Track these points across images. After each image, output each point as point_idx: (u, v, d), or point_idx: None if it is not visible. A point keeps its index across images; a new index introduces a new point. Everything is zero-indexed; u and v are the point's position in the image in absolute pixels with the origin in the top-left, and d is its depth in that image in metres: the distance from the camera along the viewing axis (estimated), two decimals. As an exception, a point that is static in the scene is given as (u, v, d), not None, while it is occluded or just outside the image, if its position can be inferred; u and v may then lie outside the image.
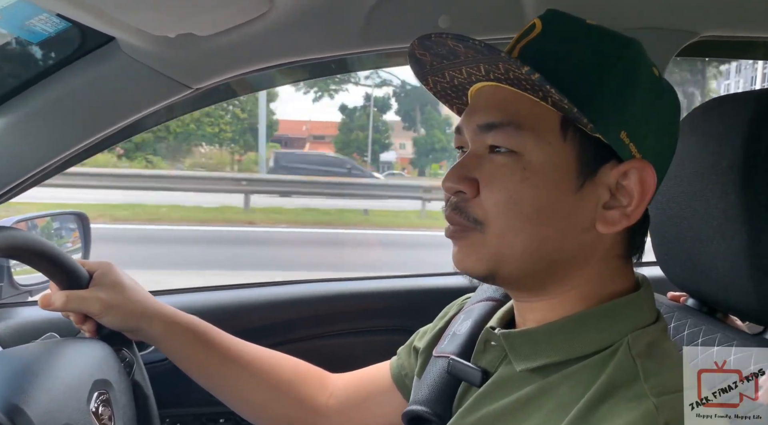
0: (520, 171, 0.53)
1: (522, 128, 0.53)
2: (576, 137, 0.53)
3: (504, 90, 0.55)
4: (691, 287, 0.75)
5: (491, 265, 0.56)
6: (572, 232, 0.54)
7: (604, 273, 0.57)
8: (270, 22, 0.82)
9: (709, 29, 0.90)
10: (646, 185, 0.54)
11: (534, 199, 0.53)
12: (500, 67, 0.53)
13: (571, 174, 0.53)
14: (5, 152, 0.89)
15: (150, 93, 0.90)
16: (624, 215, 0.54)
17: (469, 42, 0.52)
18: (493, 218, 0.54)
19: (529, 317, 0.60)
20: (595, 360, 0.53)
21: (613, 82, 0.53)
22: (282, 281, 1.24)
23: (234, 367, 0.84)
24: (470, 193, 0.55)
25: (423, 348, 0.77)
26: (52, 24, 0.75)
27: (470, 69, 0.57)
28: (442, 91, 0.65)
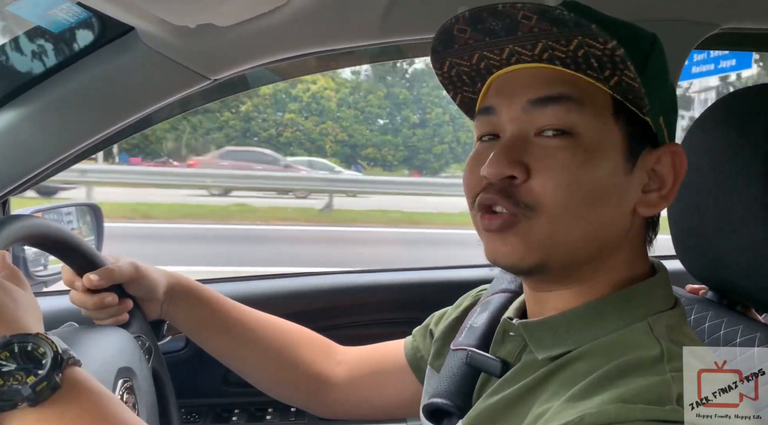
0: (581, 152, 0.51)
1: (583, 104, 0.52)
2: (626, 119, 0.53)
3: (550, 70, 0.53)
4: (712, 280, 0.75)
5: (542, 255, 0.53)
6: (621, 216, 0.55)
7: (629, 258, 0.57)
8: (289, 12, 0.82)
9: (730, 21, 0.89)
10: (680, 168, 0.55)
11: (593, 181, 0.52)
12: (572, 44, 0.50)
13: (623, 156, 0.53)
14: (24, 142, 0.90)
15: (168, 84, 0.90)
16: (661, 198, 0.55)
17: (555, 12, 0.48)
18: (550, 203, 0.52)
19: (549, 306, 0.59)
20: (614, 339, 0.53)
21: (654, 68, 0.54)
22: (296, 272, 1.25)
23: (240, 330, 0.85)
24: (521, 177, 0.52)
25: (438, 335, 0.77)
26: (73, 13, 0.75)
27: (518, 48, 0.54)
28: (455, 76, 0.62)
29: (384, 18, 0.87)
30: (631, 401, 0.45)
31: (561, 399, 0.49)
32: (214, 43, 0.86)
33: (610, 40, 0.48)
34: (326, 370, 0.85)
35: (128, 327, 0.78)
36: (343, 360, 0.87)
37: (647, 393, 0.45)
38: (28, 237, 0.66)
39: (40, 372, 0.45)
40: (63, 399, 0.46)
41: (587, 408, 0.45)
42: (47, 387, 0.45)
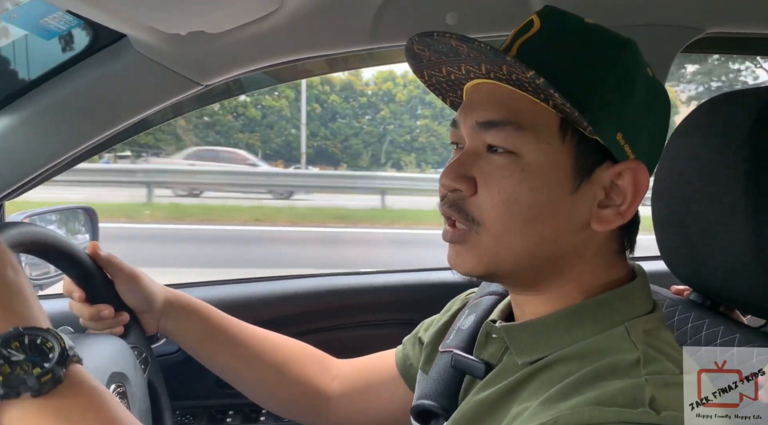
0: (519, 172, 0.54)
1: (522, 128, 0.54)
2: (574, 138, 0.54)
3: (503, 88, 0.55)
4: (696, 282, 0.77)
5: (489, 266, 0.57)
6: (568, 231, 0.56)
7: (598, 267, 0.58)
8: (280, 19, 0.83)
9: (714, 26, 0.91)
10: (640, 185, 0.55)
11: (532, 200, 0.54)
12: (503, 68, 0.53)
13: (569, 175, 0.54)
14: (17, 148, 0.90)
15: (160, 90, 0.91)
16: (618, 214, 0.55)
17: (473, 44, 0.52)
18: (491, 219, 0.55)
19: (527, 310, 0.61)
20: (591, 343, 0.54)
21: (612, 84, 0.54)
22: (291, 275, 1.26)
23: (238, 348, 0.86)
24: (468, 191, 0.56)
25: (428, 340, 0.78)
26: (65, 22, 0.76)
27: (469, 67, 0.57)
28: (437, 84, 0.65)
29: (374, 24, 0.88)
30: (605, 404, 0.46)
31: (538, 400, 0.50)
32: (206, 50, 0.87)
33: (528, 71, 0.50)
34: (322, 385, 0.87)
35: (124, 338, 0.79)
36: (338, 374, 0.88)
37: (621, 396, 0.46)
38: (26, 245, 0.67)
39: (46, 365, 0.46)
40: (64, 393, 0.47)
41: (562, 410, 0.47)
42: (51, 380, 0.46)
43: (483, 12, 0.89)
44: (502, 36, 0.92)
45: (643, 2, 0.88)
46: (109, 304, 0.80)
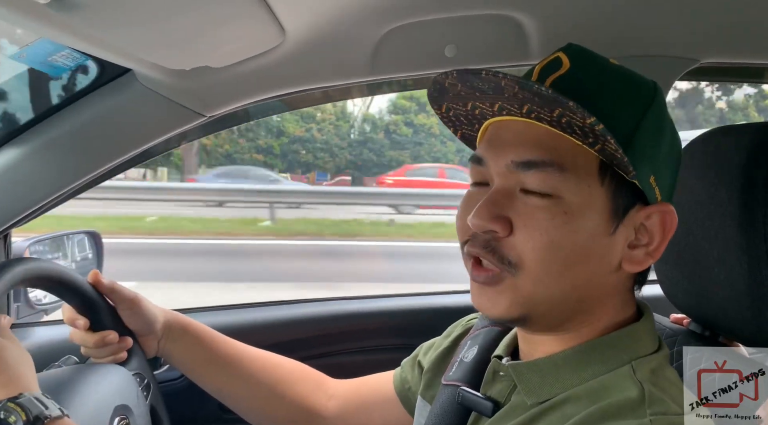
0: (561, 215, 0.52)
1: (565, 170, 0.52)
2: (613, 180, 0.53)
3: (538, 127, 0.54)
4: (693, 311, 0.77)
5: (524, 309, 0.55)
6: (603, 273, 0.56)
7: (616, 306, 0.59)
8: (283, 52, 0.84)
9: (709, 56, 0.92)
10: (668, 226, 0.55)
11: (573, 243, 0.53)
12: (555, 112, 0.51)
13: (607, 218, 0.54)
14: (26, 178, 0.92)
15: (164, 121, 0.93)
16: (647, 254, 0.56)
17: (532, 86, 0.49)
18: (531, 262, 0.53)
19: (539, 349, 0.60)
20: (598, 383, 0.54)
21: (648, 127, 0.54)
22: (287, 300, 1.26)
23: (235, 368, 0.88)
24: (503, 232, 0.54)
25: (428, 366, 0.78)
26: (73, 59, 0.78)
27: (506, 104, 0.55)
28: (454, 116, 0.63)
29: (373, 57, 0.90)
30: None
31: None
32: (209, 83, 0.89)
33: (589, 117, 0.48)
34: (318, 405, 0.87)
35: (127, 364, 0.80)
36: (334, 394, 0.88)
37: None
38: (29, 280, 0.68)
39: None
40: None
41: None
42: None
43: (481, 44, 0.90)
44: (500, 67, 0.94)
45: (640, 34, 0.90)
46: (113, 330, 0.81)
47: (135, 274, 4.94)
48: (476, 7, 0.86)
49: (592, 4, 0.85)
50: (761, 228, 0.62)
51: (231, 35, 0.73)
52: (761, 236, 0.62)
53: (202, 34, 0.69)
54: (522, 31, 0.88)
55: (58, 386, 0.68)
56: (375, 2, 0.81)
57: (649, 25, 0.88)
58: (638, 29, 0.89)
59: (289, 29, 0.78)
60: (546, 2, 0.85)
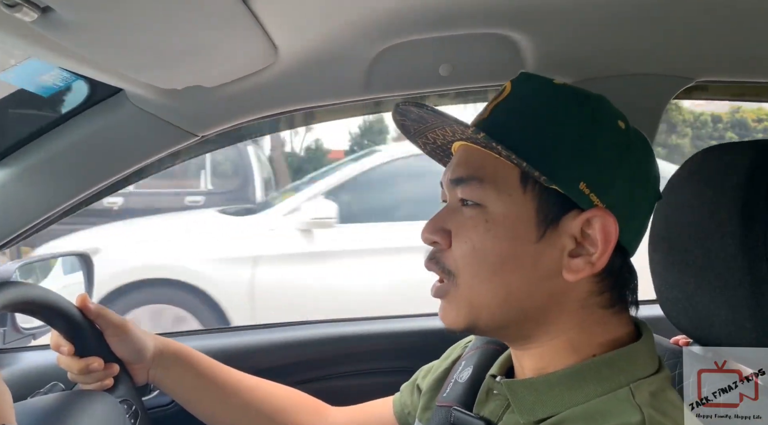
0: (483, 223, 0.56)
1: (484, 182, 0.57)
2: (535, 188, 0.56)
3: (472, 148, 0.60)
4: (694, 333, 0.76)
5: (468, 317, 0.58)
6: (537, 280, 0.56)
7: (588, 322, 0.58)
8: (275, 72, 0.84)
9: (704, 74, 0.92)
10: (608, 233, 0.55)
11: (495, 249, 0.56)
12: (456, 129, 0.59)
13: (532, 224, 0.56)
14: (15, 200, 0.90)
15: (156, 141, 0.92)
16: (588, 263, 0.55)
17: (424, 109, 0.58)
18: (462, 269, 0.57)
19: (526, 365, 0.61)
20: (595, 405, 0.53)
21: (571, 136, 0.56)
22: (286, 322, 1.24)
23: (231, 397, 0.85)
24: (444, 244, 0.59)
25: (426, 388, 0.77)
26: (63, 78, 0.77)
27: (441, 130, 0.63)
28: (432, 151, 0.69)
29: (367, 76, 0.89)
30: None
31: None
32: (202, 102, 0.88)
33: (468, 127, 0.56)
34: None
35: (114, 391, 0.78)
36: (333, 422, 0.87)
37: None
38: (12, 305, 0.67)
39: None
40: None
41: None
42: None
43: (475, 63, 0.90)
44: (495, 86, 0.93)
45: (635, 52, 0.89)
46: (99, 356, 0.79)
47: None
48: (471, 27, 0.85)
49: (586, 24, 0.85)
50: (763, 248, 0.61)
51: (223, 55, 0.72)
52: (763, 256, 0.61)
53: (194, 54, 0.68)
54: (517, 51, 0.88)
55: (41, 415, 0.65)
56: (369, 21, 0.80)
57: (644, 44, 0.88)
58: (633, 48, 0.89)
59: (282, 48, 0.78)
60: (541, 22, 0.84)
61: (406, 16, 0.81)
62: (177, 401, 0.87)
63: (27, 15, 0.47)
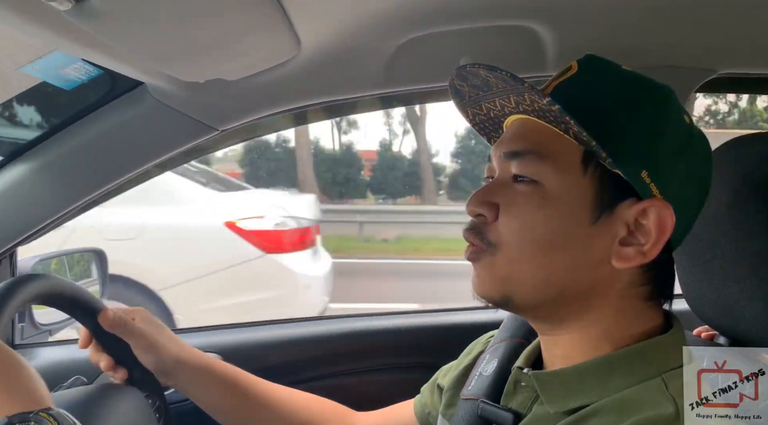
0: (538, 199, 0.55)
1: (543, 158, 0.55)
2: (597, 171, 0.54)
3: (531, 122, 0.58)
4: (723, 326, 0.75)
5: (504, 289, 0.57)
6: (585, 264, 0.55)
7: (626, 312, 0.57)
8: (297, 65, 0.84)
9: (726, 67, 0.92)
10: (664, 225, 0.54)
11: (548, 227, 0.55)
12: (526, 98, 0.55)
13: (588, 206, 0.54)
14: (36, 194, 0.91)
15: (176, 135, 0.92)
16: (640, 253, 0.54)
17: (498, 71, 0.54)
18: (506, 243, 0.56)
19: (555, 353, 0.60)
20: (628, 395, 0.52)
21: (640, 124, 0.54)
22: (304, 318, 1.24)
23: (261, 410, 0.84)
24: (490, 217, 0.57)
25: (447, 386, 0.77)
26: (85, 71, 0.77)
27: (503, 100, 0.60)
28: (480, 123, 0.67)
29: (388, 69, 0.89)
30: None
31: None
32: (222, 96, 0.88)
33: (544, 97, 0.52)
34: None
35: (140, 386, 0.78)
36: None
37: None
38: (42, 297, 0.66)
39: None
40: None
41: None
42: None
43: (497, 56, 0.89)
44: (516, 79, 0.93)
45: (657, 44, 0.89)
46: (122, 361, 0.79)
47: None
48: (492, 19, 0.85)
49: (608, 15, 0.84)
50: None
51: (247, 47, 0.72)
52: None
53: (220, 46, 0.68)
54: (538, 42, 0.88)
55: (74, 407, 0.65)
56: (390, 14, 0.80)
57: (666, 36, 0.88)
58: (655, 40, 0.88)
59: (305, 41, 0.77)
60: (563, 14, 0.84)
61: (427, 8, 0.81)
62: (208, 412, 0.85)
63: (62, 4, 0.47)
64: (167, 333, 0.82)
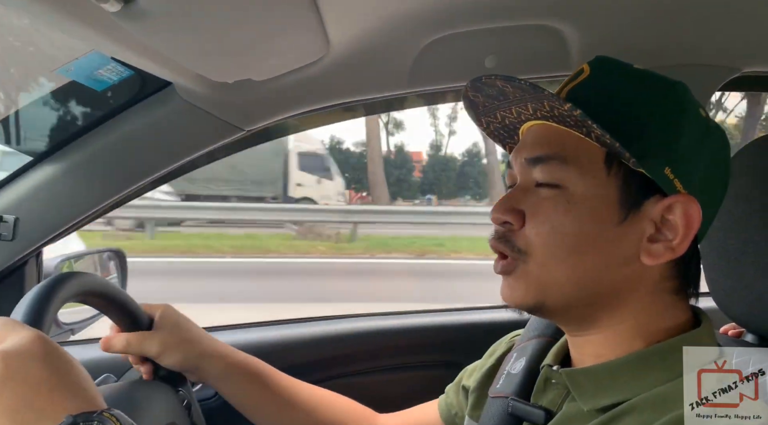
0: (564, 203, 0.56)
1: (567, 162, 0.56)
2: (620, 171, 0.55)
3: (550, 127, 0.59)
4: (752, 323, 0.75)
5: (537, 296, 0.57)
6: (615, 263, 0.56)
7: (656, 307, 0.57)
8: (325, 65, 0.84)
9: (751, 65, 0.92)
10: (691, 219, 0.55)
11: (576, 230, 0.55)
12: (545, 105, 0.56)
13: (614, 206, 0.55)
14: (64, 194, 0.92)
15: (203, 135, 0.92)
16: (669, 248, 0.55)
17: (516, 82, 0.55)
18: (537, 248, 0.56)
19: (586, 352, 0.60)
20: (663, 391, 0.53)
21: (658, 121, 0.55)
22: (329, 316, 1.24)
23: (288, 407, 0.85)
24: (516, 224, 0.58)
25: (473, 386, 0.77)
26: (117, 73, 0.78)
27: (519, 108, 0.61)
28: (495, 131, 0.68)
29: (413, 68, 0.89)
30: None
31: None
32: (250, 96, 0.88)
33: (564, 104, 0.53)
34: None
35: (170, 381, 0.78)
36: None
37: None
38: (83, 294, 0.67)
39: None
40: None
41: None
42: None
43: (522, 55, 0.90)
44: (542, 78, 0.93)
45: (680, 42, 0.89)
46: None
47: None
48: (517, 18, 0.85)
49: (632, 14, 0.84)
50: None
51: (280, 47, 0.73)
52: None
53: (253, 46, 0.69)
54: (563, 41, 0.88)
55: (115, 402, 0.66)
56: (417, 14, 0.81)
57: (689, 34, 0.88)
58: (679, 38, 0.88)
59: (334, 41, 0.78)
60: (587, 13, 0.84)
61: (452, 9, 0.81)
62: (236, 407, 0.86)
63: (113, 5, 0.47)
64: (190, 331, 0.82)
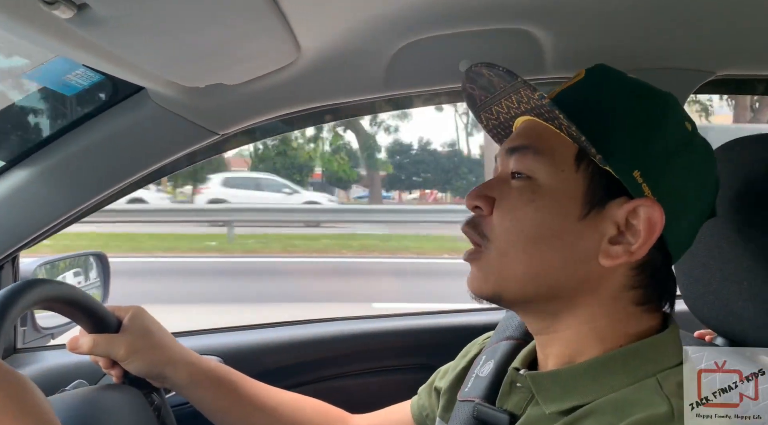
0: (529, 194, 0.57)
1: (539, 153, 0.57)
2: (589, 168, 0.56)
3: (533, 122, 0.60)
4: (720, 327, 0.76)
5: (495, 285, 0.59)
6: (573, 259, 0.56)
7: (618, 314, 0.57)
8: (297, 69, 0.84)
9: (725, 68, 0.92)
10: (653, 224, 0.54)
11: (538, 220, 0.56)
12: (522, 94, 0.58)
13: (578, 201, 0.56)
14: (37, 199, 0.91)
15: (177, 139, 0.92)
16: (627, 252, 0.55)
17: (496, 68, 0.57)
18: (498, 235, 0.58)
19: (550, 353, 0.61)
20: (623, 395, 0.53)
21: (632, 125, 0.56)
22: (302, 320, 1.24)
23: (256, 413, 0.84)
24: (486, 209, 0.59)
25: (445, 388, 0.77)
26: (87, 77, 0.78)
27: (507, 101, 0.62)
28: (493, 128, 0.69)
29: (387, 72, 0.89)
30: None
31: None
32: (223, 101, 0.88)
33: (535, 92, 0.55)
34: None
35: (138, 384, 0.78)
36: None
37: None
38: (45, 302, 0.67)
39: None
40: None
41: None
42: None
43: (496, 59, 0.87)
44: (516, 82, 0.93)
45: (655, 46, 0.89)
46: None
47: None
48: (491, 22, 0.85)
49: (606, 17, 0.84)
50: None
51: (248, 52, 0.73)
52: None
53: (221, 52, 0.68)
54: (537, 45, 0.88)
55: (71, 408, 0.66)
56: (389, 18, 0.80)
57: (664, 38, 0.88)
58: (653, 42, 0.89)
59: (305, 45, 0.78)
60: (560, 16, 0.84)
61: (426, 12, 0.81)
62: (205, 415, 0.85)
63: (64, 12, 0.47)
64: (159, 336, 0.81)
